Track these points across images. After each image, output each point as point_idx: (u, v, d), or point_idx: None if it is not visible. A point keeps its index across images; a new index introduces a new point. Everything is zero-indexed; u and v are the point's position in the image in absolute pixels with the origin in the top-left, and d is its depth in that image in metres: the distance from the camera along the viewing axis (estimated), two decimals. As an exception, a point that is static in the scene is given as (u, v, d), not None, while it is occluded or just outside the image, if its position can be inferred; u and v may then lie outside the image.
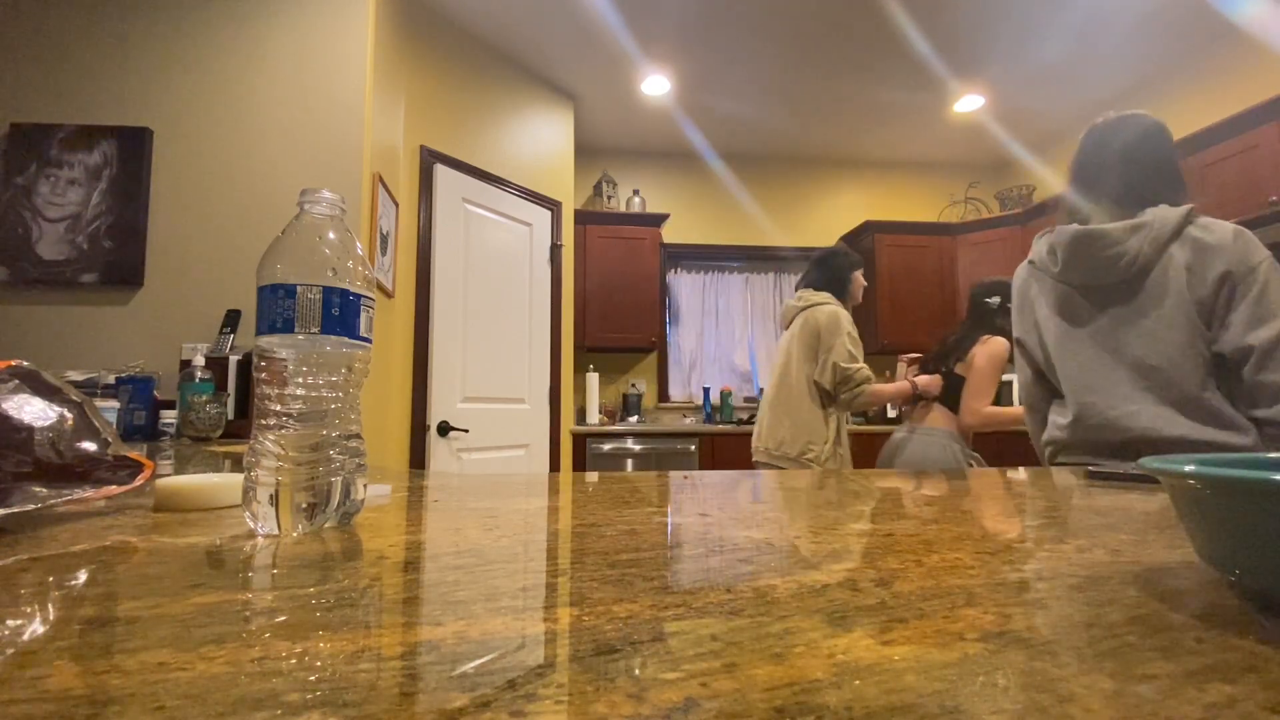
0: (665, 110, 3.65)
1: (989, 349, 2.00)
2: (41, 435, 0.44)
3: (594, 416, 3.60)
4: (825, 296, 2.07)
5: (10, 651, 0.19)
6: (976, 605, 0.24)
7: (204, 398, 1.52)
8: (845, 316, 1.99)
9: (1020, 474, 0.77)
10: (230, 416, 1.66)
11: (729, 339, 4.23)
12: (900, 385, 2.05)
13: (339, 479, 0.41)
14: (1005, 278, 1.97)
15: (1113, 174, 1.13)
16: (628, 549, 0.35)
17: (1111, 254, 1.08)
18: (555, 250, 3.29)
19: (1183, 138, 2.79)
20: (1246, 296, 0.99)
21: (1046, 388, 1.25)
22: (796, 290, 2.19)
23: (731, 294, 4.29)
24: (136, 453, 0.52)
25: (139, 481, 0.49)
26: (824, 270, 2.15)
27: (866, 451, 3.28)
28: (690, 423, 3.88)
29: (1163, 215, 1.06)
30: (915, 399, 2.10)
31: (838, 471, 0.82)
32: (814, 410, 1.96)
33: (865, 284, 2.22)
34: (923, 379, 2.06)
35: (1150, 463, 0.28)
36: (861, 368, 1.93)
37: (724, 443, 3.42)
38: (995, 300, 2.06)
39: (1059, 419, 1.18)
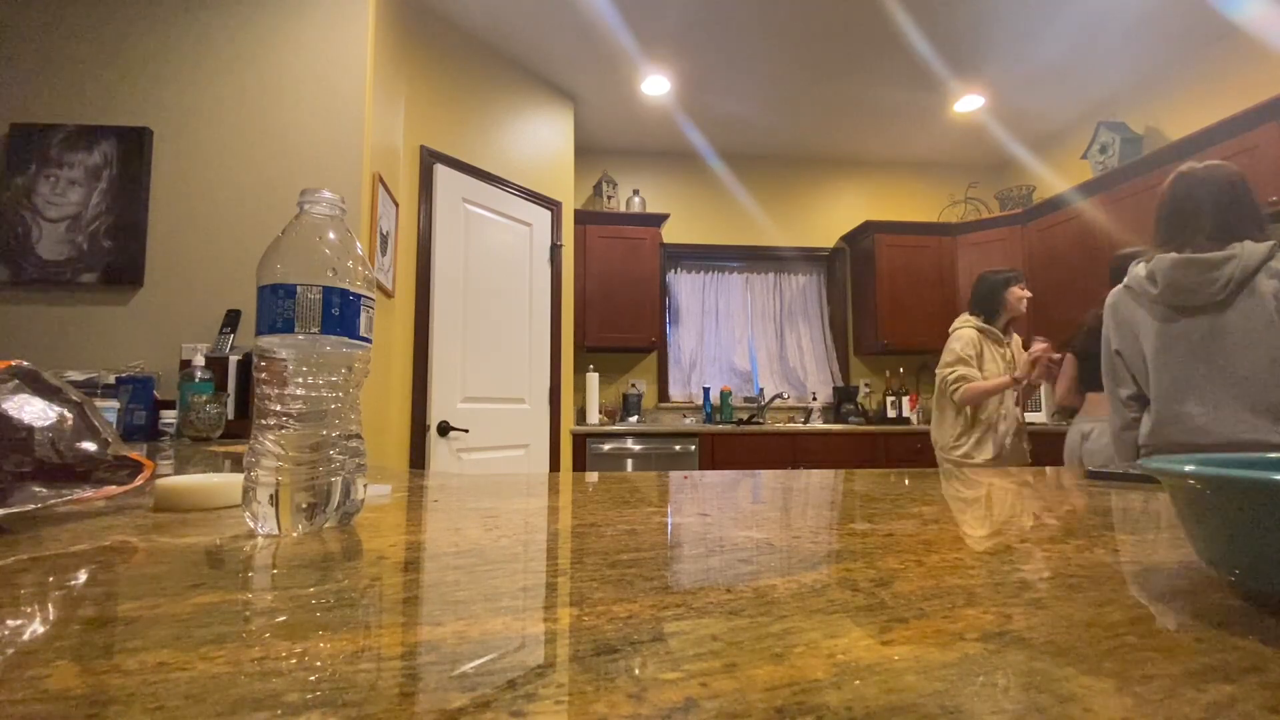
0: (665, 110, 3.65)
1: None
2: (41, 435, 0.44)
3: (594, 416, 3.60)
4: (961, 320, 2.32)
5: (10, 651, 0.19)
6: (976, 605, 0.24)
7: (204, 398, 1.52)
8: (965, 336, 2.22)
9: (1020, 474, 0.77)
10: (230, 416, 1.66)
11: (729, 339, 4.23)
12: (1000, 379, 2.12)
13: (339, 479, 0.41)
14: (1143, 247, 2.02)
15: (1206, 217, 1.34)
16: (628, 549, 0.35)
17: (1206, 279, 1.28)
18: (555, 250, 3.29)
19: (1183, 138, 2.80)
20: None
21: (1138, 396, 1.44)
22: None
23: (731, 294, 4.29)
24: (136, 453, 0.52)
25: (139, 481, 0.49)
26: (975, 294, 2.34)
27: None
28: (690, 423, 3.88)
29: (1251, 249, 1.27)
30: (1027, 386, 2.12)
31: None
32: (940, 416, 2.28)
33: (1024, 293, 2.26)
34: (1022, 369, 2.08)
35: (1150, 463, 0.28)
36: (951, 371, 2.16)
37: (724, 443, 3.42)
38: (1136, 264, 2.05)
39: (1146, 424, 1.38)
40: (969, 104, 3.59)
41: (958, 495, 0.57)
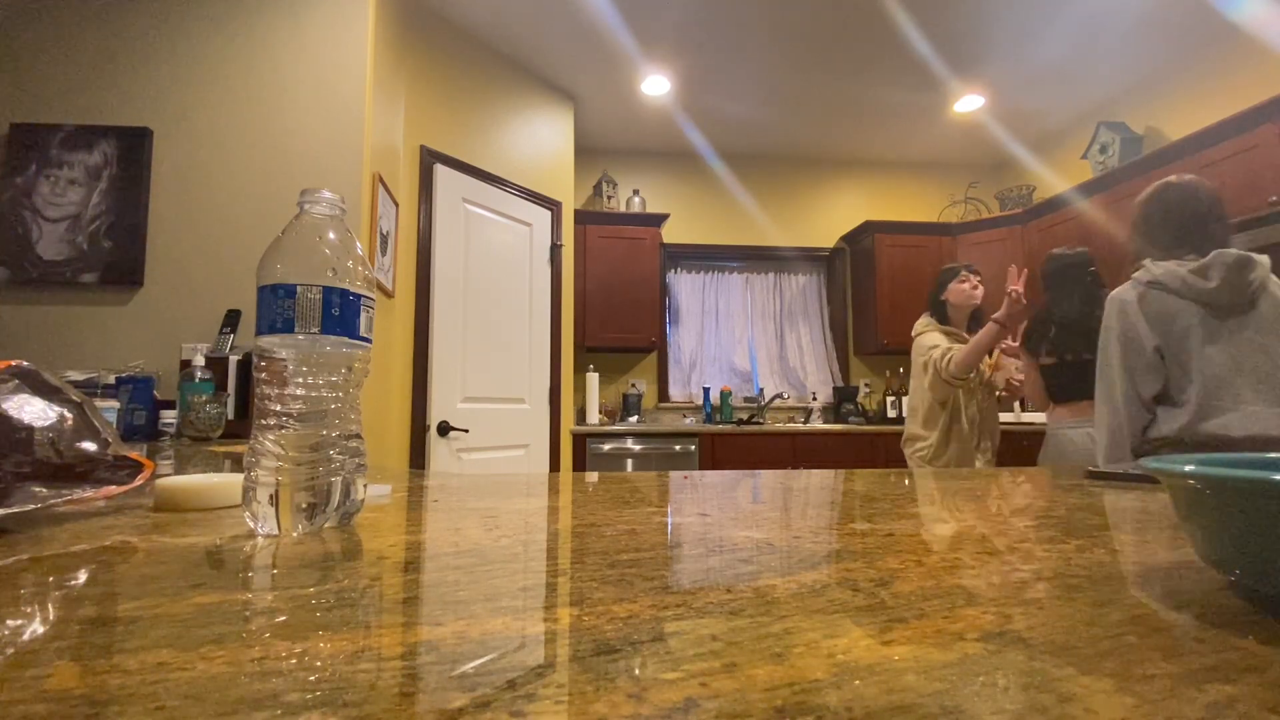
0: (665, 110, 3.65)
1: None
2: (41, 435, 0.44)
3: (594, 416, 3.60)
4: (921, 325, 2.25)
5: (10, 651, 0.19)
6: (976, 605, 0.24)
7: (204, 398, 1.52)
8: (927, 340, 2.16)
9: (1020, 474, 0.77)
10: (230, 416, 1.66)
11: (729, 339, 4.23)
12: (985, 330, 1.98)
13: (339, 479, 0.41)
14: (1082, 247, 2.08)
15: (1214, 226, 1.42)
16: (628, 549, 0.35)
17: (1251, 278, 1.35)
18: (555, 250, 3.29)
19: (1183, 138, 2.80)
20: None
21: (1161, 395, 1.45)
22: None
23: (731, 294, 4.29)
24: (136, 453, 0.52)
25: (139, 481, 0.49)
26: (928, 298, 2.31)
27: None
28: (690, 423, 3.88)
29: (1264, 259, 1.36)
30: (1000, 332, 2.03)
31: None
32: (914, 420, 2.20)
33: (966, 285, 2.20)
34: (1002, 310, 1.97)
35: (1150, 463, 0.28)
36: (933, 350, 2.07)
37: (724, 443, 3.42)
38: (1095, 269, 2.04)
39: (1171, 420, 1.41)
40: (969, 104, 3.59)
41: (958, 495, 0.57)
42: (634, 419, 3.73)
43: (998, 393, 2.18)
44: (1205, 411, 1.35)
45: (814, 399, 4.06)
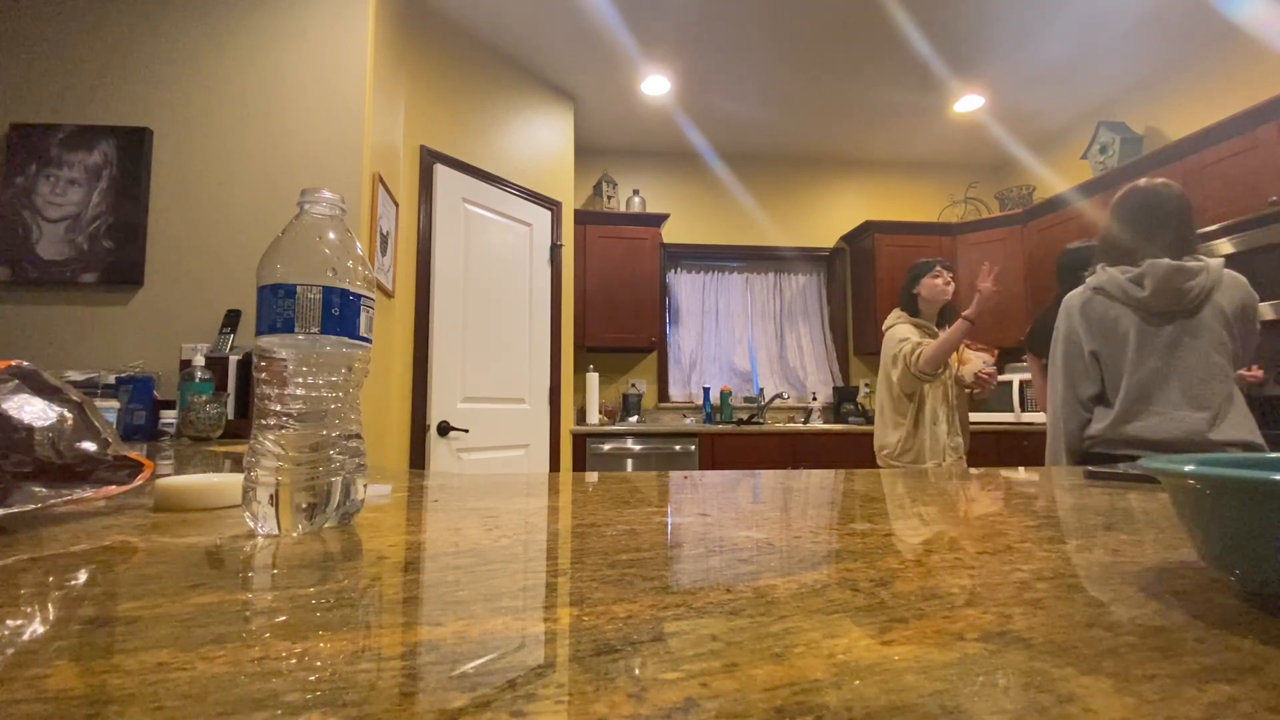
0: (665, 110, 3.65)
1: None
2: (41, 435, 0.44)
3: (594, 416, 3.60)
4: (893, 318, 2.24)
5: (10, 651, 0.19)
6: (976, 605, 0.24)
7: (204, 398, 1.52)
8: (898, 332, 2.14)
9: (1020, 474, 0.77)
10: (230, 416, 1.66)
11: (729, 339, 4.23)
12: (955, 326, 1.97)
13: (339, 479, 0.41)
14: (1091, 243, 2.00)
15: (1170, 230, 1.43)
16: (628, 549, 0.35)
17: (1187, 286, 1.36)
18: (555, 250, 3.29)
19: (1183, 138, 2.80)
20: (1253, 328, 1.38)
21: (1097, 394, 1.50)
22: None
23: (731, 294, 4.29)
24: (136, 453, 0.52)
25: (139, 481, 0.49)
26: (900, 293, 2.30)
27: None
28: (690, 423, 3.88)
29: (1215, 264, 1.38)
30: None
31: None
32: (883, 420, 2.19)
33: (939, 280, 2.17)
34: (973, 307, 1.96)
35: (1150, 463, 0.28)
36: (902, 345, 2.06)
37: (724, 443, 3.42)
38: (1089, 272, 2.03)
39: (1099, 420, 1.46)
40: (969, 104, 3.59)
41: (957, 495, 0.57)
42: (634, 419, 3.73)
43: (966, 388, 2.16)
44: (1129, 414, 1.40)
45: (814, 399, 4.06)
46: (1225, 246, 2.48)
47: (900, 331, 2.13)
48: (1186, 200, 1.46)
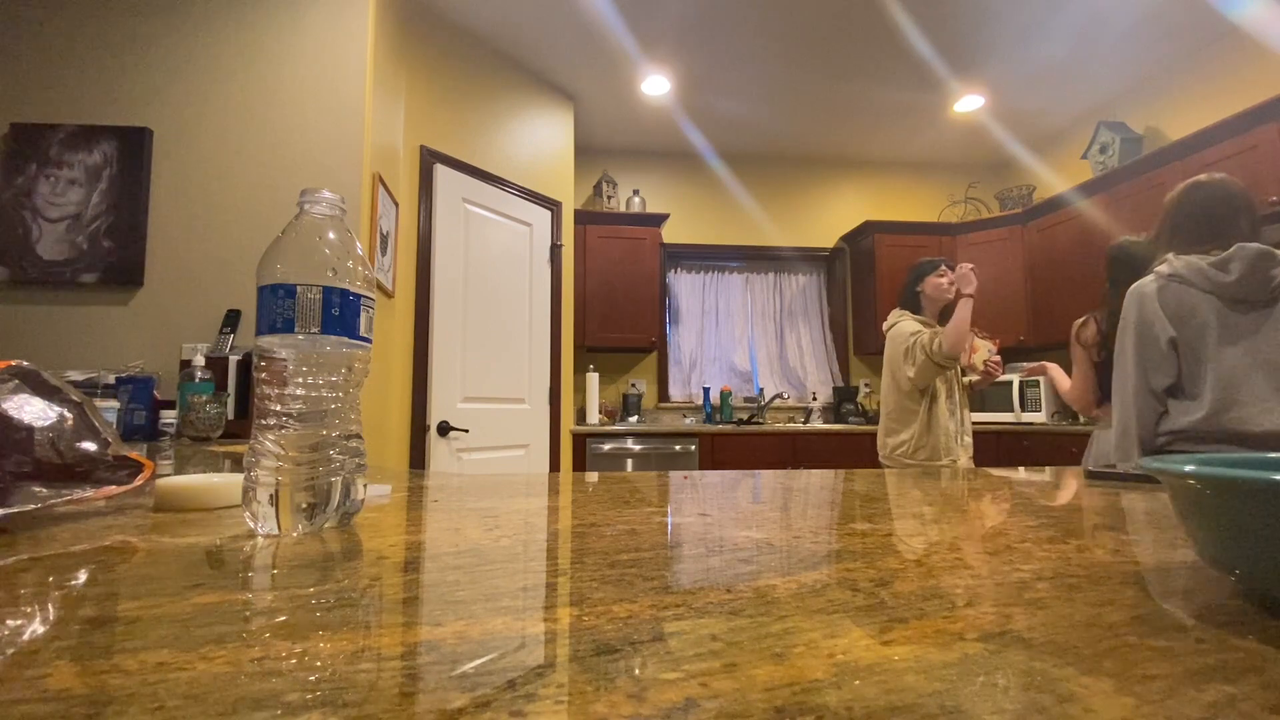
0: (665, 110, 3.65)
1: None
2: (41, 435, 0.44)
3: (594, 416, 3.60)
4: (895, 316, 2.23)
5: (10, 651, 0.19)
6: (976, 605, 0.24)
7: (204, 398, 1.52)
8: (907, 326, 2.14)
9: (1020, 474, 0.77)
10: (230, 416, 1.66)
11: (729, 339, 4.23)
12: (961, 305, 1.97)
13: (339, 479, 0.41)
14: (1142, 236, 1.96)
15: (1244, 218, 1.42)
16: (628, 549, 0.35)
17: (1274, 273, 1.33)
18: (555, 250, 3.29)
19: (1183, 138, 2.80)
20: None
21: (1171, 385, 1.45)
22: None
23: (731, 294, 4.29)
24: (136, 453, 0.52)
25: (139, 481, 0.49)
26: (901, 291, 2.30)
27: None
28: (690, 423, 3.88)
29: None
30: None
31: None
32: (891, 418, 2.18)
33: (944, 279, 2.16)
34: (961, 282, 1.98)
35: (1150, 463, 0.28)
36: (917, 338, 2.04)
37: (724, 443, 3.42)
38: (1160, 263, 1.97)
39: (1186, 413, 1.40)
40: (969, 104, 3.59)
41: (957, 495, 0.57)
42: (634, 419, 3.73)
43: (975, 379, 2.17)
44: (1223, 405, 1.34)
45: (814, 399, 4.06)
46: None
47: (908, 326, 2.13)
48: (1251, 194, 1.45)
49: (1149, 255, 1.94)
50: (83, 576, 0.29)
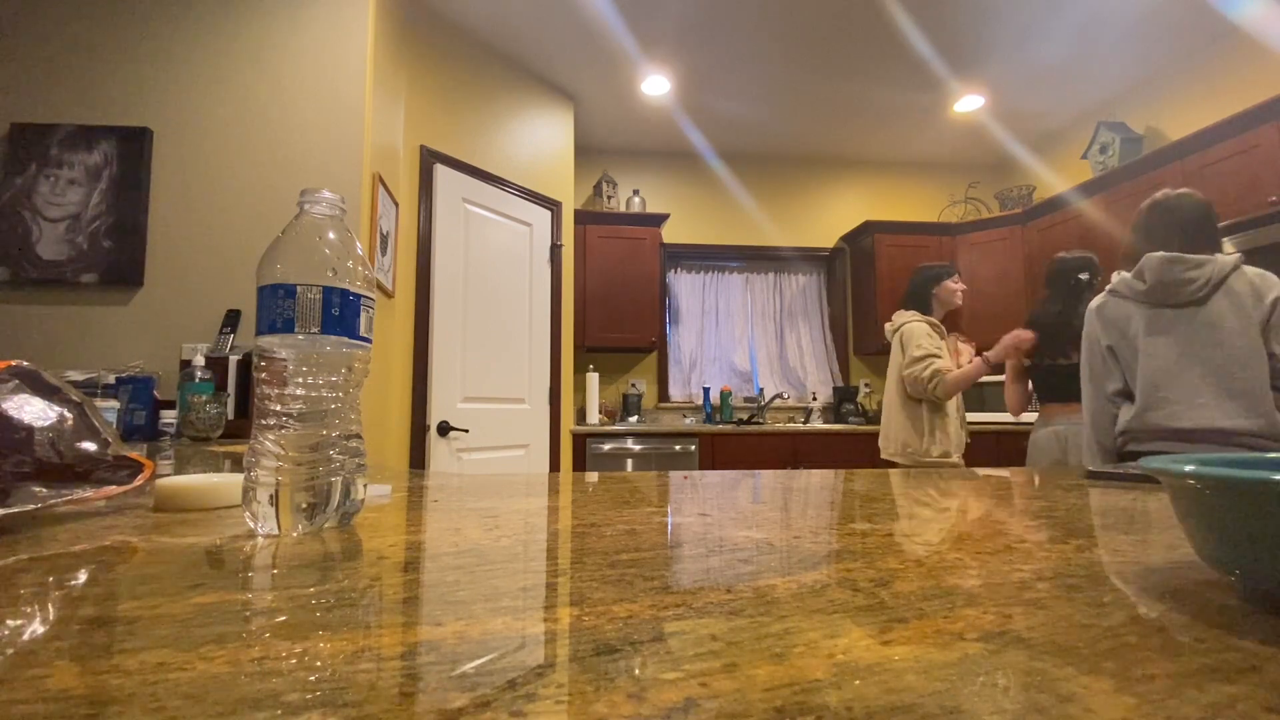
0: (665, 110, 3.65)
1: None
2: (41, 435, 0.44)
3: (594, 416, 3.60)
4: (906, 315, 2.26)
5: (10, 651, 0.19)
6: (976, 605, 0.24)
7: (204, 398, 1.52)
8: (919, 329, 2.16)
9: (1019, 474, 0.76)
10: (230, 416, 1.66)
11: (729, 339, 4.23)
12: (975, 365, 2.05)
13: (339, 479, 0.41)
14: (1088, 252, 2.10)
15: (1181, 234, 1.49)
16: (628, 549, 0.35)
17: (1187, 276, 1.42)
18: (555, 250, 3.29)
19: (1183, 138, 2.80)
20: None
21: (1121, 389, 1.54)
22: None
23: (731, 294, 4.29)
24: (136, 453, 0.52)
25: (139, 481, 0.49)
26: (908, 290, 2.33)
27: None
28: (690, 423, 3.88)
29: (1221, 259, 1.42)
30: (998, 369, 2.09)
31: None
32: (902, 415, 2.17)
33: (959, 287, 2.25)
34: (996, 351, 2.06)
35: (1150, 463, 0.28)
36: (926, 366, 2.07)
37: (724, 443, 3.42)
38: (1086, 276, 2.06)
39: (1126, 413, 1.49)
40: (969, 104, 3.59)
41: (957, 495, 0.57)
42: (634, 419, 3.73)
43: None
44: (1151, 403, 1.43)
45: (814, 399, 4.06)
46: (1225, 246, 2.49)
47: (919, 330, 2.16)
48: (1203, 206, 1.50)
49: (1074, 268, 2.10)
50: (83, 576, 0.29)
